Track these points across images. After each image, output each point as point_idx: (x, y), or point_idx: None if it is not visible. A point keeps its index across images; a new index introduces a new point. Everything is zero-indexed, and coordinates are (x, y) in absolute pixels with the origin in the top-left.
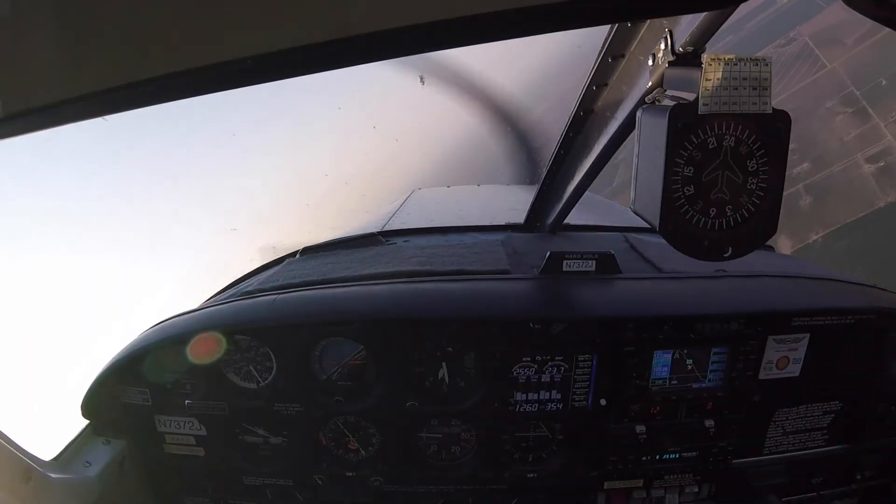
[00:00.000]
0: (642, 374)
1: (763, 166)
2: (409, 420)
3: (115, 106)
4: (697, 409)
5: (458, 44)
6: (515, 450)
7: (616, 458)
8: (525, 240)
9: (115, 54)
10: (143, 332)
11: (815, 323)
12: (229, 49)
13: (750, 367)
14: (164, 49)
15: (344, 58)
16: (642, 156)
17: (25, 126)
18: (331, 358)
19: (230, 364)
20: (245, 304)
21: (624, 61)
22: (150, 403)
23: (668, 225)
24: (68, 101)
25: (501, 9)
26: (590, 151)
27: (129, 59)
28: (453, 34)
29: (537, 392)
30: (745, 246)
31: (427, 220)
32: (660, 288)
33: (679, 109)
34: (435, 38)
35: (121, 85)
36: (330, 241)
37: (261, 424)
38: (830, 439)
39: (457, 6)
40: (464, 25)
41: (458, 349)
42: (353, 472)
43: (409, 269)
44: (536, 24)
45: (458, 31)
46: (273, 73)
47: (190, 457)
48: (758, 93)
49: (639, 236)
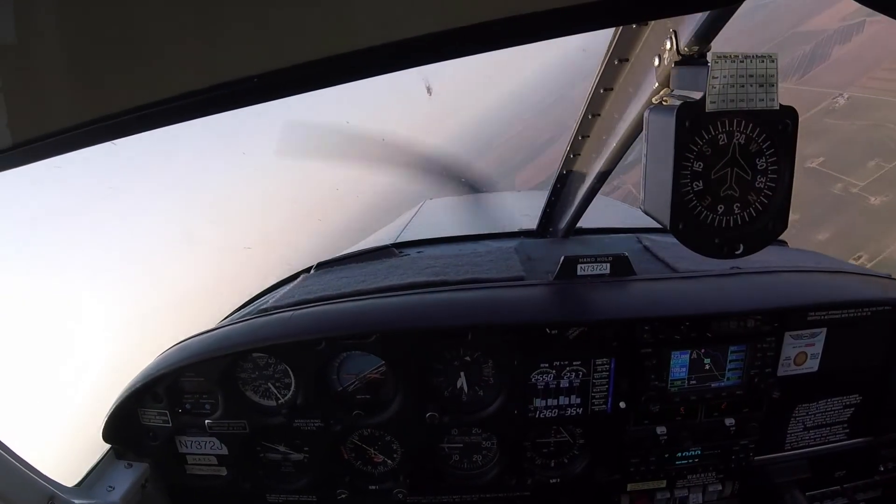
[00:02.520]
0: (661, 375)
1: (772, 163)
2: (430, 430)
3: (122, 130)
4: (717, 408)
5: (464, 53)
6: (537, 456)
7: (638, 459)
8: (538, 245)
9: (120, 79)
10: (161, 354)
11: (832, 317)
12: (232, 69)
13: (768, 364)
14: (170, 72)
15: (351, 72)
16: (651, 156)
17: (35, 154)
18: (349, 372)
19: (249, 382)
20: (261, 322)
21: (630, 63)
22: (171, 425)
23: (678, 224)
24: (76, 126)
25: (505, 16)
26: (599, 154)
27: (134, 84)
28: (460, 43)
29: (556, 398)
30: (757, 242)
31: (439, 230)
32: (675, 288)
33: (686, 108)
34: (442, 47)
35: (128, 109)
36: (344, 255)
37: (282, 441)
38: (851, 433)
39: (463, 16)
40: (469, 34)
41: (475, 358)
42: (377, 485)
43: (424, 279)
44: (540, 31)
45: (464, 40)
46: (279, 91)
47: (212, 476)
48: (764, 89)
49: (652, 237)
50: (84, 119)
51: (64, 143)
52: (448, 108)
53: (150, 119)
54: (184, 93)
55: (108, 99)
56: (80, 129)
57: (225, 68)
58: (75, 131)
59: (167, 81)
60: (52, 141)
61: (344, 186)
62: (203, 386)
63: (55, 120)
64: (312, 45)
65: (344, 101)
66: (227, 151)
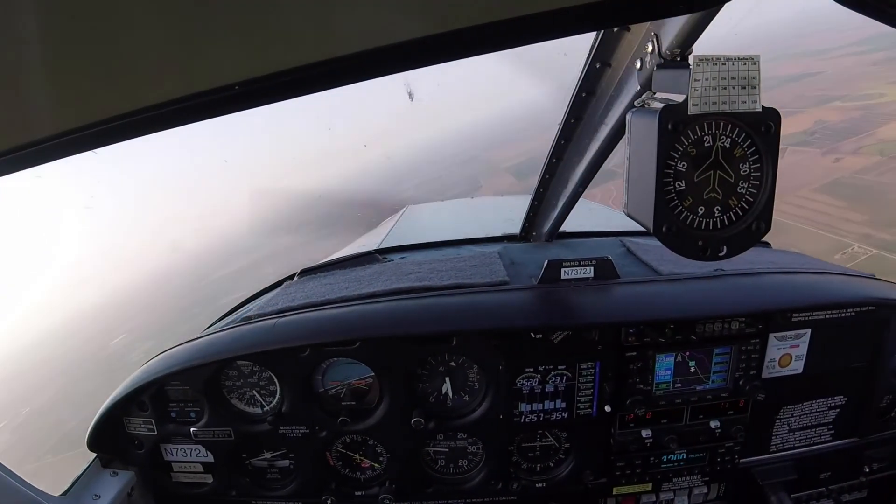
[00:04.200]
0: (645, 378)
1: (755, 165)
2: (416, 436)
3: (103, 139)
4: (702, 410)
5: (446, 59)
6: (523, 460)
7: (623, 463)
8: (522, 250)
9: (100, 90)
10: (146, 364)
11: (816, 318)
12: (215, 77)
13: (753, 366)
14: (151, 80)
15: (336, 78)
16: (633, 159)
17: (14, 164)
18: (334, 379)
19: (234, 390)
20: (246, 330)
21: (611, 67)
22: (156, 433)
23: (661, 226)
24: (56, 136)
25: (487, 21)
26: (582, 158)
27: (116, 93)
28: (441, 49)
29: (542, 402)
30: (741, 244)
31: (423, 236)
32: (659, 291)
33: (669, 111)
34: (422, 53)
35: (110, 117)
36: (327, 261)
37: (267, 448)
38: (836, 434)
39: (443, 21)
40: (451, 39)
41: (460, 363)
42: (363, 490)
43: (408, 285)
44: (521, 36)
45: (446, 45)
46: (260, 99)
47: (198, 484)
48: (747, 91)
49: (636, 240)
50: (65, 128)
51: (42, 153)
52: None
53: (130, 127)
54: (162, 102)
55: (88, 108)
56: (60, 139)
57: (205, 76)
58: (54, 141)
59: (147, 91)
60: (30, 151)
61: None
62: (188, 394)
63: (36, 129)
64: (293, 53)
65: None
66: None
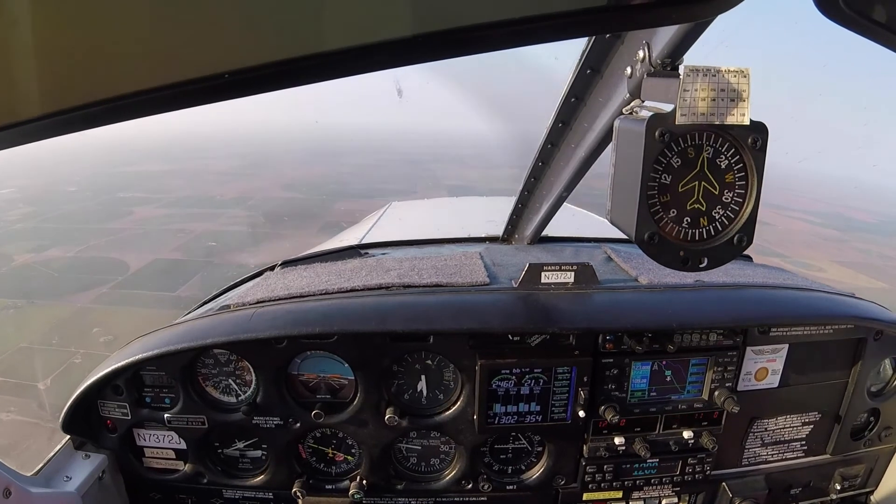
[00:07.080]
0: (621, 385)
1: (740, 177)
2: (389, 433)
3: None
4: (676, 420)
5: (434, 58)
6: (495, 462)
7: (595, 469)
8: (503, 252)
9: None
10: (123, 348)
11: (794, 333)
12: (206, 65)
13: (729, 378)
14: (143, 64)
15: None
16: (619, 166)
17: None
18: (310, 372)
19: (209, 378)
20: (224, 318)
21: (601, 73)
22: (130, 418)
23: (643, 235)
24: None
25: (479, 23)
26: (568, 163)
27: (106, 75)
28: (431, 48)
29: (516, 404)
30: (723, 256)
31: (405, 233)
32: (638, 299)
33: (656, 120)
34: (412, 52)
35: (100, 100)
36: (309, 254)
37: (240, 438)
38: (809, 450)
39: (436, 20)
40: (440, 39)
41: (437, 362)
42: (333, 485)
43: (388, 281)
44: (511, 39)
45: (435, 45)
46: (249, 89)
47: (169, 470)
48: (736, 104)
49: (618, 247)
50: (51, 109)
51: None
52: None
53: (119, 111)
54: (152, 87)
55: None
56: (45, 119)
57: (195, 64)
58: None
59: (137, 74)
60: (18, 129)
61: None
62: (164, 380)
63: (23, 109)
64: (284, 44)
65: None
66: None
